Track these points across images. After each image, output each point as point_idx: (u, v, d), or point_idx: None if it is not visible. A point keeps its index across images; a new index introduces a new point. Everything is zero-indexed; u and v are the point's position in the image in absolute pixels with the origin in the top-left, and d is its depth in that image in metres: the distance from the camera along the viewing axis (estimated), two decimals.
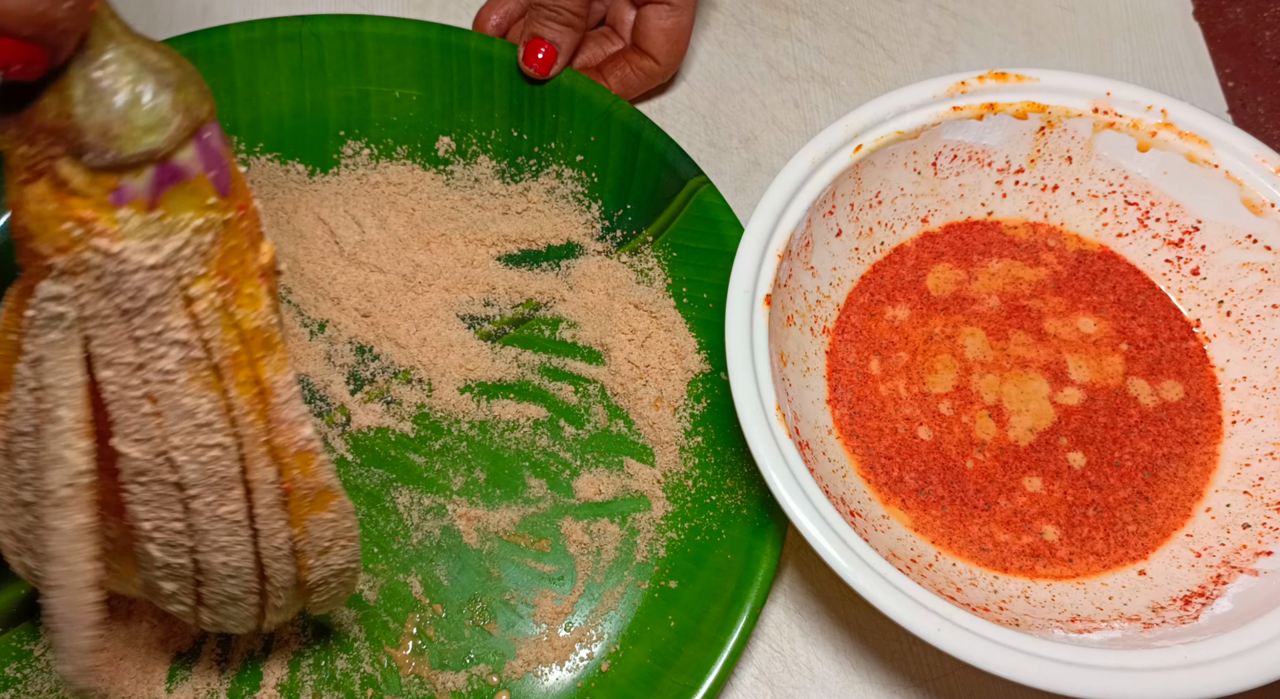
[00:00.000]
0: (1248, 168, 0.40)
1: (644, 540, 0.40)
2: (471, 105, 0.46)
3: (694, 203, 0.43)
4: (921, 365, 0.41)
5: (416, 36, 0.46)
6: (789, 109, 0.51)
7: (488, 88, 0.46)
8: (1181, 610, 0.35)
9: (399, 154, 0.46)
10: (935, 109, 0.41)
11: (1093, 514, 0.38)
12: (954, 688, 0.39)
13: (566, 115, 0.45)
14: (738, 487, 0.39)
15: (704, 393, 0.41)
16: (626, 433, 0.42)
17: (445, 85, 0.46)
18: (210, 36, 0.45)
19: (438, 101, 0.46)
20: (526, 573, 0.39)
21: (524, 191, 0.45)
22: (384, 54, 0.46)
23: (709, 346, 0.42)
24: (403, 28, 0.46)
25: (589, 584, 0.39)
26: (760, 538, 0.38)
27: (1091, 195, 0.43)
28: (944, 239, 0.44)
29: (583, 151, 0.45)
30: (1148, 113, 0.41)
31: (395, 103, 0.46)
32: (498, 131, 0.46)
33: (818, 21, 0.53)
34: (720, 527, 0.39)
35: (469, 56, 0.46)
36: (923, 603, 0.32)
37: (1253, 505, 0.38)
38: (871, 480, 0.39)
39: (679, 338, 0.42)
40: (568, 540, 0.40)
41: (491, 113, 0.46)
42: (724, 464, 0.40)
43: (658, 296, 0.43)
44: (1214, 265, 0.42)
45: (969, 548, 0.38)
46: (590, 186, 0.45)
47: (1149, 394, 0.41)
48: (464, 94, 0.46)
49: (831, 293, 0.42)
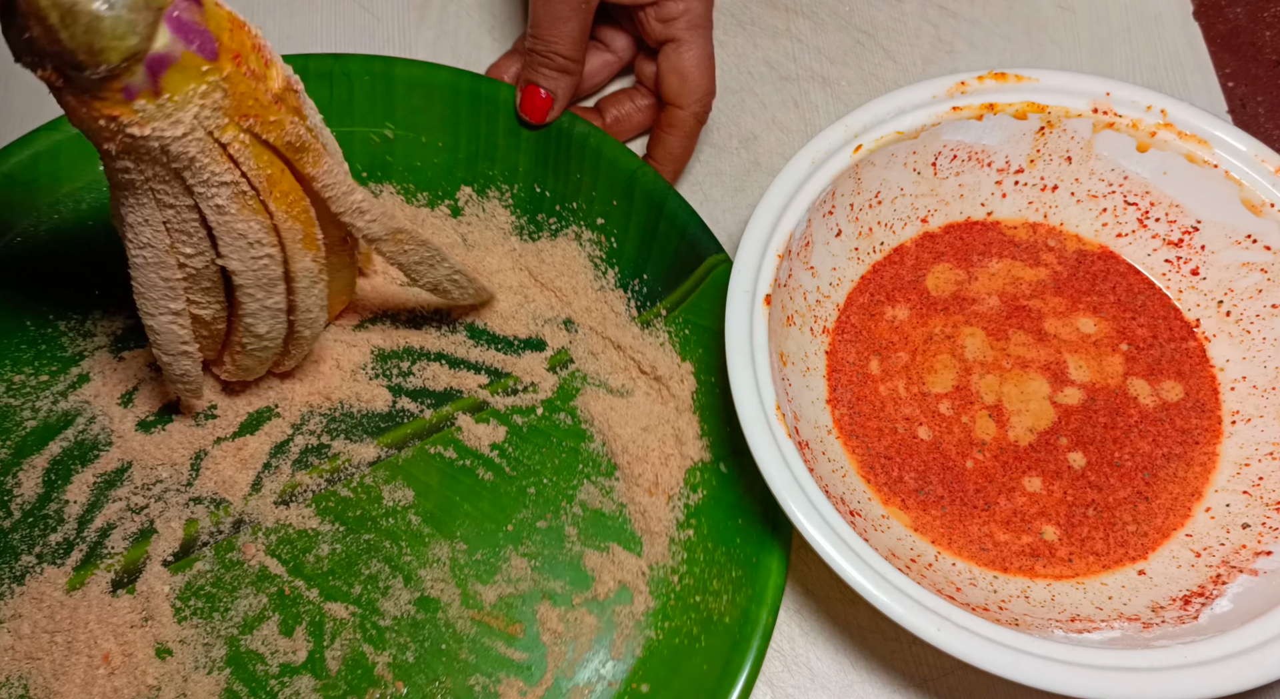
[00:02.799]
0: (1247, 168, 0.40)
1: (621, 637, 0.38)
2: (496, 157, 0.45)
3: (711, 280, 0.42)
4: (921, 365, 0.41)
5: (447, 83, 0.45)
6: (789, 109, 0.51)
7: (514, 141, 0.45)
8: (1181, 610, 0.35)
9: (419, 200, 0.45)
10: (935, 109, 0.41)
11: (1092, 514, 0.38)
12: (953, 688, 0.39)
13: (591, 176, 0.44)
14: (723, 590, 0.37)
15: (701, 483, 0.40)
16: (617, 517, 0.40)
17: (472, 134, 0.45)
18: None
19: (463, 150, 0.45)
20: (495, 659, 0.37)
21: (539, 252, 0.45)
22: (413, 98, 0.45)
23: (711, 434, 0.40)
24: (434, 73, 0.45)
25: (558, 677, 0.37)
26: (739, 652, 0.36)
27: (1091, 195, 0.43)
28: (944, 239, 0.44)
29: (604, 215, 0.44)
30: (1147, 113, 0.41)
31: (420, 148, 0.45)
32: (520, 186, 0.45)
33: (818, 22, 0.53)
34: (700, 632, 0.37)
35: (498, 108, 0.45)
36: (922, 602, 0.32)
37: (1252, 505, 0.38)
38: (871, 480, 0.39)
39: (682, 422, 0.41)
40: (542, 627, 0.38)
41: (516, 166, 0.45)
42: (713, 563, 0.38)
43: (669, 374, 0.42)
44: (1213, 265, 0.42)
45: (969, 548, 0.38)
46: (609, 251, 0.44)
47: (1149, 394, 0.41)
48: (490, 145, 0.45)
49: (831, 293, 0.42)
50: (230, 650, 0.37)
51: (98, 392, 0.41)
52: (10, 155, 0.42)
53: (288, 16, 0.52)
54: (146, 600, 0.38)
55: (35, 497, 0.39)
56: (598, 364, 0.43)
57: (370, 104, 0.45)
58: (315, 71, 0.45)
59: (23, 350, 0.42)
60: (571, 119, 0.44)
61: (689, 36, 0.44)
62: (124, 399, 0.41)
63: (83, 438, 0.40)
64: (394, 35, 0.52)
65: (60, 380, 0.41)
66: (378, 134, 0.46)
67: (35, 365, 0.42)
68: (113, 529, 0.39)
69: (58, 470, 0.40)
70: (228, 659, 0.37)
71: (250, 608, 0.38)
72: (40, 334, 0.42)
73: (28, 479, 0.40)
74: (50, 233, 0.43)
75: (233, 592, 0.38)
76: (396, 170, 0.46)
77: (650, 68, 0.47)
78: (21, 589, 0.38)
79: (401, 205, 0.45)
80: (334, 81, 0.45)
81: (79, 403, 0.41)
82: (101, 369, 0.42)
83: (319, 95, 0.45)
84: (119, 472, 0.40)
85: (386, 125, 0.46)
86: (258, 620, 0.38)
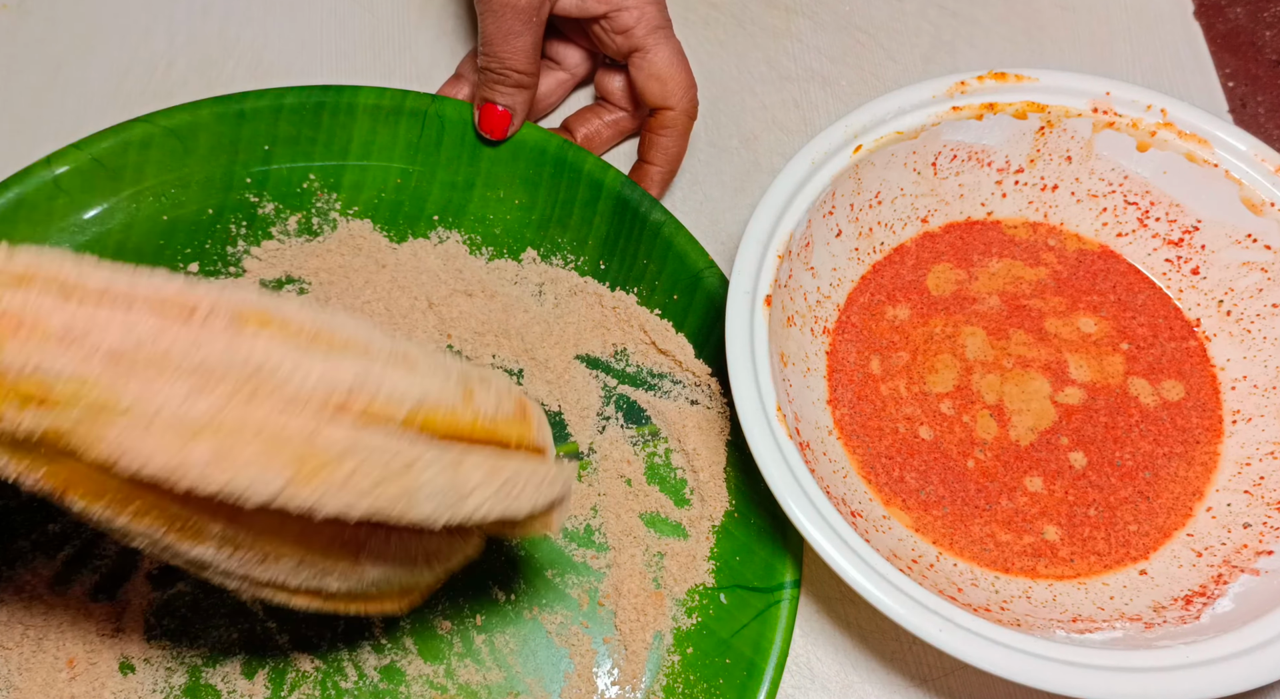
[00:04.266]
0: (1247, 167, 0.40)
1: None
2: (569, 226, 0.45)
3: None
4: (922, 365, 0.41)
5: (535, 143, 0.45)
6: (789, 109, 0.51)
7: (589, 214, 0.44)
8: (1183, 610, 0.35)
9: (482, 253, 0.45)
10: (935, 109, 0.41)
11: (1094, 514, 0.38)
12: (953, 688, 0.39)
13: (658, 265, 0.43)
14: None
15: (697, 607, 0.38)
16: (605, 618, 0.38)
17: (550, 199, 0.45)
18: (341, 93, 0.45)
19: (538, 212, 0.45)
20: None
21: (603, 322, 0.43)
22: (500, 152, 0.45)
23: (719, 558, 0.39)
24: (524, 130, 0.45)
25: None
26: None
27: (1091, 195, 0.43)
28: (944, 239, 0.44)
29: (662, 307, 0.43)
30: (1147, 112, 0.41)
31: (496, 202, 0.45)
32: (586, 259, 0.44)
33: (818, 21, 0.53)
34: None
35: (580, 177, 0.44)
36: (924, 604, 0.32)
37: (1253, 505, 0.38)
38: (872, 481, 0.39)
39: (697, 541, 0.39)
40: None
41: (586, 239, 0.44)
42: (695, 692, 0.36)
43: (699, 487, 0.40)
44: (1214, 265, 0.42)
45: (970, 548, 0.38)
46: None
47: (1150, 394, 0.41)
48: (565, 212, 0.45)
49: (832, 293, 0.42)
50: (190, 680, 0.37)
51: None
52: (103, 140, 0.43)
53: (288, 16, 0.52)
54: (122, 610, 0.38)
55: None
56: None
57: (458, 149, 0.45)
58: (410, 108, 0.45)
59: None
60: (650, 204, 0.43)
61: (652, 41, 0.43)
62: None
63: None
64: (394, 35, 0.52)
65: None
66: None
67: None
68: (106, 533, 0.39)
69: None
70: (186, 689, 0.37)
71: (220, 640, 0.38)
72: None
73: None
74: (123, 225, 0.43)
75: (207, 619, 0.38)
76: (468, 219, 0.45)
77: (615, 81, 0.47)
78: (10, 573, 0.38)
79: (465, 256, 0.45)
80: (426, 122, 0.45)
81: None
82: None
83: (410, 133, 0.45)
84: None
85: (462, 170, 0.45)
86: (224, 655, 0.37)
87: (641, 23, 0.43)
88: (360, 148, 0.45)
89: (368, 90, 0.45)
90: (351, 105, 0.45)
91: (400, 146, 0.45)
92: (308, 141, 0.45)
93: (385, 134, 0.45)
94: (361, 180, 0.45)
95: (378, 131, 0.45)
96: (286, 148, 0.45)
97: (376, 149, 0.45)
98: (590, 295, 0.44)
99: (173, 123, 0.44)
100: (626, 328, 0.43)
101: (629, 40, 0.43)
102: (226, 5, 0.53)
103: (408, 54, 0.52)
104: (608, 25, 0.44)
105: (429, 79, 0.51)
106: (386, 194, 0.45)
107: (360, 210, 0.45)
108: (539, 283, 0.44)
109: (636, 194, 0.43)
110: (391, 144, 0.45)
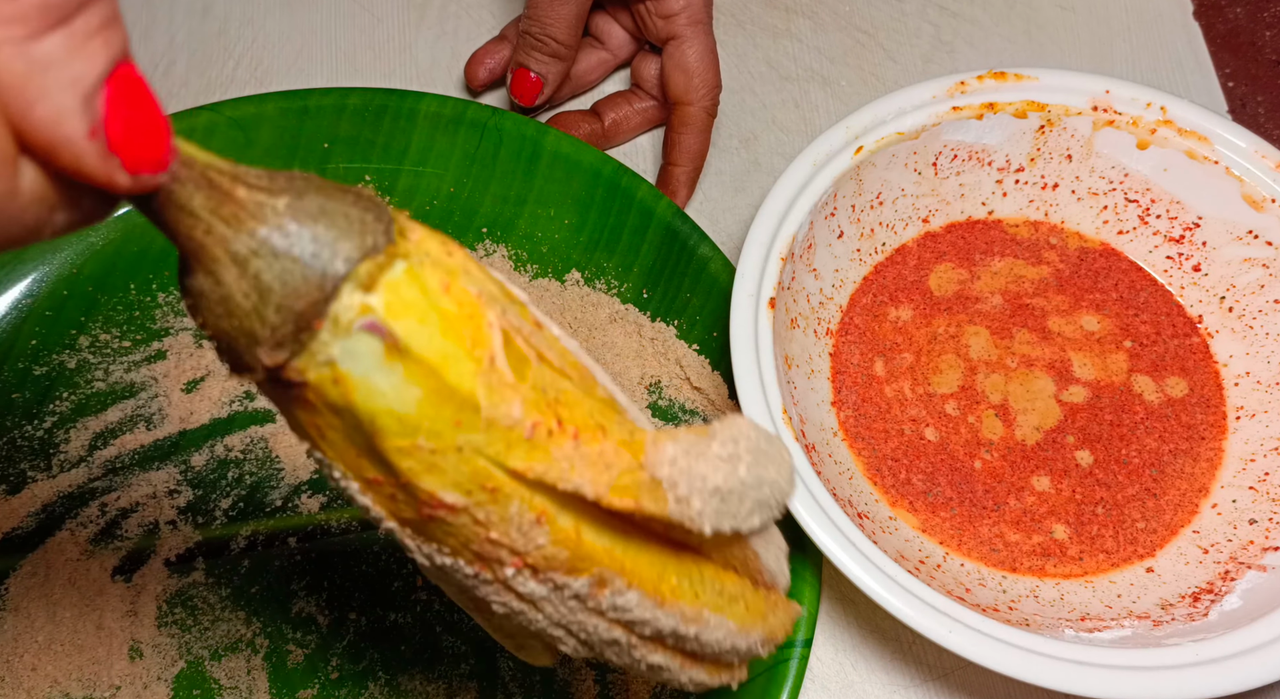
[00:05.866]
0: (1247, 163, 0.40)
1: None
2: (616, 251, 0.44)
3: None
4: (926, 366, 0.41)
5: (591, 165, 0.44)
6: (789, 109, 0.51)
7: (637, 241, 0.43)
8: (1191, 607, 0.35)
9: (527, 271, 0.45)
10: (935, 109, 0.41)
11: (1101, 512, 0.38)
12: (954, 688, 0.39)
13: (700, 299, 0.42)
14: None
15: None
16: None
17: (600, 222, 0.44)
18: (404, 98, 0.45)
19: (586, 234, 0.44)
20: None
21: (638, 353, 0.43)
22: (554, 170, 0.45)
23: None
24: (582, 152, 0.44)
25: None
26: None
27: (1092, 193, 0.43)
28: (945, 239, 0.44)
29: (701, 342, 0.42)
30: (1147, 110, 0.41)
31: (546, 220, 0.45)
32: (630, 286, 0.44)
33: (818, 21, 0.53)
34: None
35: (631, 204, 0.44)
36: (932, 605, 0.32)
37: (1259, 501, 0.38)
38: (878, 482, 0.39)
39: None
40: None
41: (632, 266, 0.44)
42: None
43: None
44: (1215, 261, 0.42)
45: (979, 548, 0.38)
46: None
47: (1154, 391, 0.41)
48: (613, 237, 0.44)
49: (834, 294, 0.42)
50: (193, 671, 0.37)
51: (168, 371, 0.42)
52: (180, 121, 0.43)
53: (288, 15, 0.52)
54: (138, 594, 0.38)
55: (77, 459, 0.40)
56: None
57: (513, 164, 0.45)
58: (471, 119, 0.45)
59: (118, 311, 0.43)
60: (700, 238, 0.42)
61: (691, 32, 0.44)
62: (189, 386, 0.42)
63: (139, 413, 0.41)
64: (394, 35, 0.52)
65: (140, 350, 0.42)
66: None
67: (124, 329, 0.43)
68: (133, 513, 0.40)
69: (104, 438, 0.41)
70: (187, 678, 0.37)
71: (227, 635, 0.38)
72: (139, 300, 0.43)
73: (77, 438, 0.41)
74: None
75: (218, 613, 0.38)
76: (516, 235, 0.45)
77: (650, 69, 0.47)
78: (51, 540, 0.39)
79: (510, 271, 0.44)
80: (485, 133, 0.45)
81: (148, 377, 0.42)
82: (179, 351, 0.43)
83: (468, 144, 0.45)
84: (156, 455, 0.41)
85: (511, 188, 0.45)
86: (231, 649, 0.37)
87: (686, 11, 0.43)
88: (417, 154, 0.45)
89: (431, 97, 0.45)
90: (413, 111, 0.45)
91: (457, 156, 0.45)
92: (367, 143, 0.45)
93: (443, 142, 0.45)
94: (415, 186, 0.45)
95: (436, 139, 0.45)
96: (345, 147, 0.45)
97: (433, 156, 0.45)
98: (630, 324, 0.43)
99: (238, 113, 0.44)
100: (663, 360, 0.42)
101: (670, 26, 0.44)
102: (226, 6, 0.52)
103: (408, 54, 0.52)
104: (653, 7, 0.44)
105: (429, 79, 0.51)
106: (439, 202, 0.45)
107: (410, 216, 0.45)
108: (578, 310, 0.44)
109: (687, 226, 0.42)
110: (449, 152, 0.45)
